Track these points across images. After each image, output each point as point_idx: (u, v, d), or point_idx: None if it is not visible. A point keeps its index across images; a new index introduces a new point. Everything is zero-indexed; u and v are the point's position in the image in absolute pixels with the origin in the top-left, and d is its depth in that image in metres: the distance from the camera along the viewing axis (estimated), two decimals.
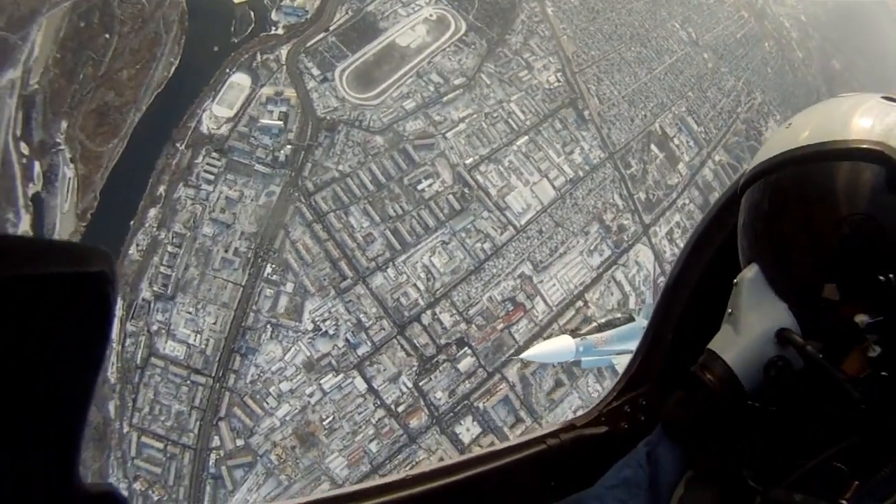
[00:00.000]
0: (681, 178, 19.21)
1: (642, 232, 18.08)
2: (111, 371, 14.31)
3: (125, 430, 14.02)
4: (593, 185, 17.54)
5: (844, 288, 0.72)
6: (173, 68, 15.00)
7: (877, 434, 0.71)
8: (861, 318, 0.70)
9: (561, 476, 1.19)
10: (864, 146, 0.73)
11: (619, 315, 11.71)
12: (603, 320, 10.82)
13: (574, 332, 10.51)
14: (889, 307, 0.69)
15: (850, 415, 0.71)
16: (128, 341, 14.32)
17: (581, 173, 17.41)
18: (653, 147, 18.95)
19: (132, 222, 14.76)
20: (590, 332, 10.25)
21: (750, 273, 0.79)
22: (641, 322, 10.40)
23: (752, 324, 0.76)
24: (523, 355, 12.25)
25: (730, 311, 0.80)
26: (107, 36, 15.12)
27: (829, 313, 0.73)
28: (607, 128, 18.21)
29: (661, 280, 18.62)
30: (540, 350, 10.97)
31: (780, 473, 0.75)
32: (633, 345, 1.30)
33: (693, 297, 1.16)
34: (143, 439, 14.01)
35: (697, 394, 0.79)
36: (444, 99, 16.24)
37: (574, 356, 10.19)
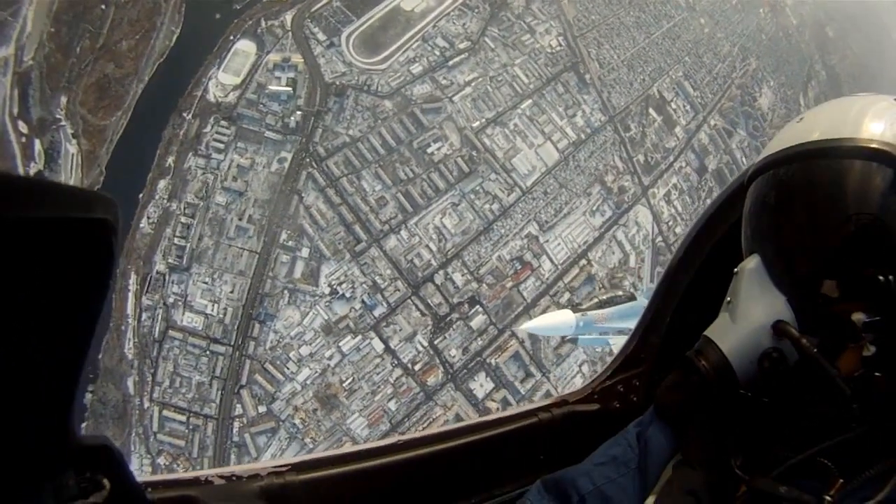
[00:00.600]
0: (678, 141, 19.77)
1: (641, 193, 18.69)
2: (128, 347, 14.32)
3: (146, 405, 14.16)
4: (595, 148, 18.02)
5: (844, 286, 0.72)
6: (175, 37, 14.74)
7: (866, 434, 0.71)
8: (858, 317, 0.71)
9: (550, 450, 1.21)
10: (874, 146, 0.74)
11: (620, 293, 11.83)
12: (605, 297, 10.88)
13: (575, 307, 10.67)
14: (887, 308, 0.70)
15: (842, 412, 0.71)
16: (144, 316, 14.33)
17: (583, 136, 17.85)
18: (651, 111, 19.42)
19: (141, 195, 14.69)
20: (591, 308, 10.32)
21: (751, 263, 0.79)
22: (642, 301, 10.33)
23: (750, 314, 0.77)
24: (523, 327, 12.51)
25: (728, 299, 0.81)
26: (103, 7, 14.72)
27: (826, 310, 0.73)
28: (607, 91, 18.60)
29: (660, 240, 19.35)
30: (540, 323, 11.01)
31: (767, 464, 0.75)
32: (633, 323, 1.31)
33: (694, 283, 1.16)
34: (165, 413, 14.13)
35: (691, 379, 0.79)
36: (450, 63, 16.40)
37: (574, 331, 10.29)
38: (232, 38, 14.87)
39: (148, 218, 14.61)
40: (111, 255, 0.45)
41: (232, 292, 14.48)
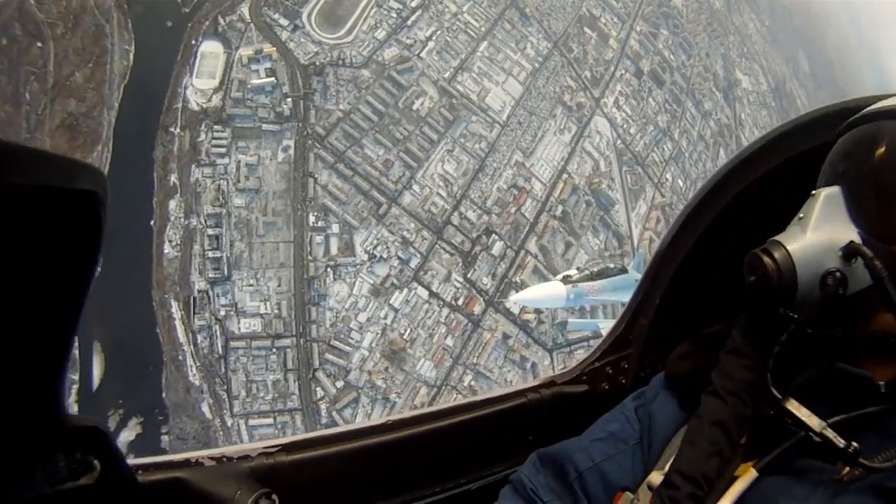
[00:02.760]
0: (613, 52, 22.42)
1: (595, 105, 21.31)
2: (192, 375, 14.18)
3: (229, 422, 14.16)
4: (549, 74, 20.15)
5: None
6: (131, 55, 14.20)
7: None
8: None
9: (539, 431, 1.22)
10: None
11: (611, 265, 11.79)
12: (596, 269, 10.78)
13: (566, 279, 10.38)
14: None
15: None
16: (199, 338, 14.27)
17: (536, 65, 19.82)
18: (586, 29, 21.74)
19: (153, 222, 14.51)
20: (581, 280, 10.23)
21: (832, 191, 0.75)
22: (634, 274, 10.65)
23: (821, 231, 0.72)
24: (514, 298, 12.38)
25: (801, 215, 0.75)
26: (39, 44, 13.59)
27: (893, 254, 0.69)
28: (546, 20, 20.57)
29: (619, 143, 22.36)
30: (531, 294, 10.97)
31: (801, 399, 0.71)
32: (624, 296, 1.79)
33: (683, 267, 1.19)
34: (251, 422, 14.12)
35: (756, 272, 0.73)
36: (409, 22, 17.39)
37: (565, 302, 10.42)
38: (194, 42, 14.59)
39: (169, 241, 14.43)
40: (99, 229, 0.43)
41: (279, 286, 14.90)
